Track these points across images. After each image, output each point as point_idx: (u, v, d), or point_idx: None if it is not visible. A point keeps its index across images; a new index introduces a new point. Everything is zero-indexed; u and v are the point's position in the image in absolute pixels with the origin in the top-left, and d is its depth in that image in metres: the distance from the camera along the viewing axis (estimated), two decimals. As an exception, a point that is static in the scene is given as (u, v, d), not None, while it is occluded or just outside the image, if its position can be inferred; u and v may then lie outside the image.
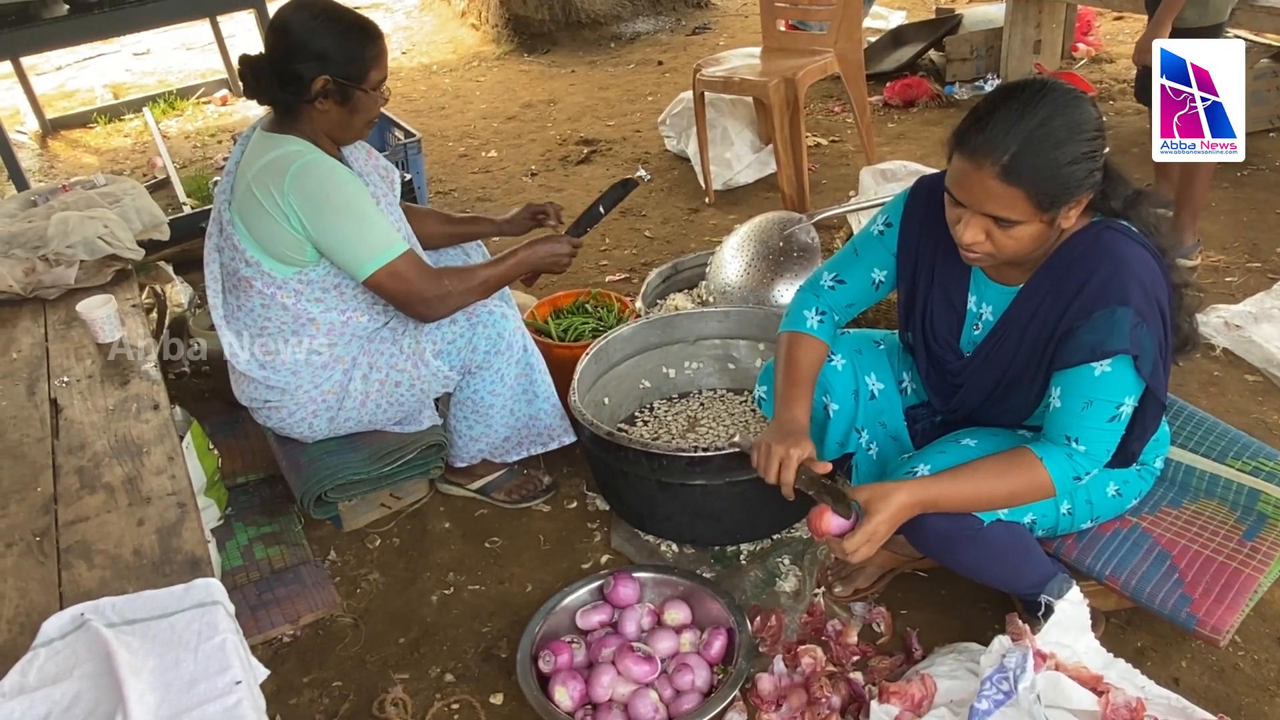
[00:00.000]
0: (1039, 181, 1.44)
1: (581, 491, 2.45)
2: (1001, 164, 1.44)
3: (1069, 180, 1.46)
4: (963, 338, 1.76)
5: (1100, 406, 1.54)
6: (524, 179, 4.51)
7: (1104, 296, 1.51)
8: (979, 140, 1.46)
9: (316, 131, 2.03)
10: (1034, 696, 1.52)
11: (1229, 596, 1.70)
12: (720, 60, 3.89)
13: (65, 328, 2.29)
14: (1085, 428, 1.55)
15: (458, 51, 6.85)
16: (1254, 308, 2.78)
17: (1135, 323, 1.49)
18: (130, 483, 1.72)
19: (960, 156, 1.49)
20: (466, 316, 2.15)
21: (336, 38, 1.95)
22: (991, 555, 1.70)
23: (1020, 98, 1.46)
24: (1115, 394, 1.53)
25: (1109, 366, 1.51)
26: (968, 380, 1.76)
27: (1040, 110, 1.44)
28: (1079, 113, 1.46)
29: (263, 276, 2.05)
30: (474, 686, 1.94)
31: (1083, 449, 1.56)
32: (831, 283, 1.86)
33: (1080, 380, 1.55)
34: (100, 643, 1.29)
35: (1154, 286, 1.53)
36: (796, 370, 1.81)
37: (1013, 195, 1.45)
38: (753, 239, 2.92)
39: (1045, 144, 1.43)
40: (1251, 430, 2.14)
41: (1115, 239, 1.55)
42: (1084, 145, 1.46)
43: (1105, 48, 5.26)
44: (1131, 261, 1.52)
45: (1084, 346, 1.53)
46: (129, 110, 5.80)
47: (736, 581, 2.10)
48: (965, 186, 1.50)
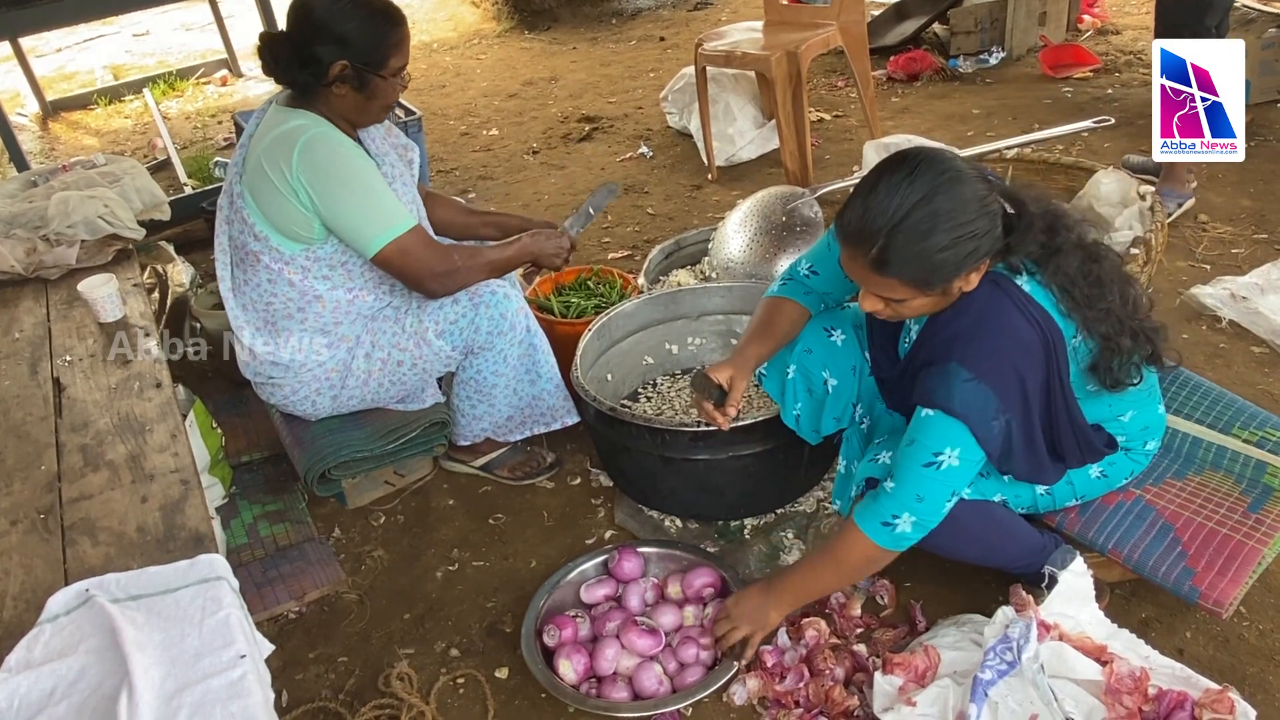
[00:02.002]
0: (911, 271, 1.45)
1: (585, 468, 2.45)
2: (870, 256, 1.45)
3: (943, 265, 1.44)
4: (900, 346, 1.78)
5: (918, 449, 1.53)
6: (526, 157, 4.49)
7: (945, 352, 1.52)
8: (850, 230, 1.47)
9: (333, 112, 2.02)
10: (1038, 666, 1.53)
11: (1232, 569, 1.69)
12: (722, 35, 3.86)
13: (67, 307, 2.29)
14: (901, 467, 1.56)
15: (458, 29, 6.80)
16: (1260, 279, 2.76)
17: (965, 379, 1.48)
18: (133, 460, 1.72)
19: (839, 240, 1.51)
20: (469, 297, 2.14)
21: (359, 22, 1.92)
22: (965, 536, 1.69)
23: (891, 182, 1.43)
24: (933, 441, 1.52)
25: (932, 413, 1.52)
26: (898, 392, 1.77)
27: (910, 196, 1.41)
28: (951, 197, 1.42)
29: (270, 252, 2.04)
30: (479, 661, 1.95)
31: (891, 485, 1.56)
32: (808, 271, 1.88)
33: (914, 416, 1.56)
34: (105, 618, 1.29)
35: (1011, 350, 1.50)
36: (765, 323, 1.88)
37: (889, 283, 1.47)
38: (755, 214, 2.90)
39: (912, 235, 1.42)
40: (1257, 402, 2.13)
41: (990, 298, 1.52)
42: (955, 231, 1.42)
43: (1111, 19, 5.20)
44: (987, 324, 1.51)
45: (920, 388, 1.55)
46: (129, 91, 5.77)
47: (740, 556, 2.10)
48: (849, 269, 1.53)
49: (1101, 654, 1.63)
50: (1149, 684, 1.58)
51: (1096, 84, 4.46)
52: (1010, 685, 1.53)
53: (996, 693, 1.52)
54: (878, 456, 1.72)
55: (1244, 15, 3.98)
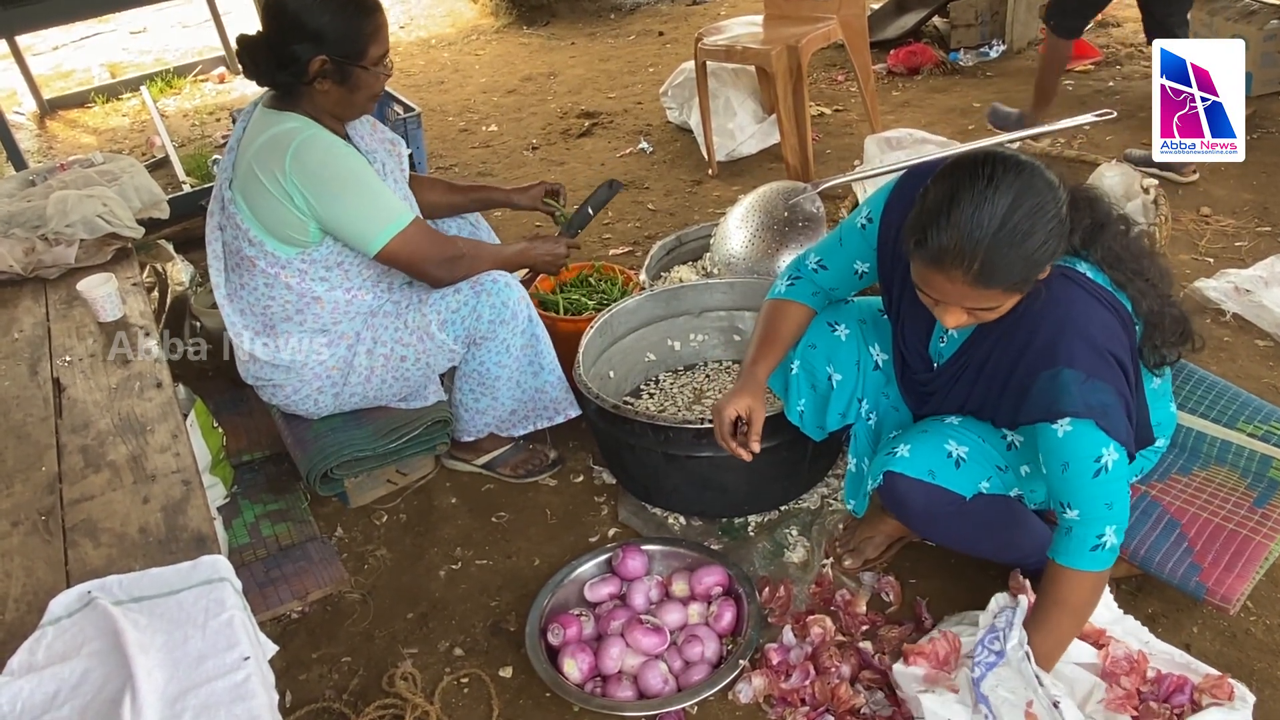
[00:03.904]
0: (1014, 276, 1.40)
1: (588, 465, 2.45)
2: (973, 272, 1.38)
3: (1042, 259, 1.41)
4: (931, 347, 1.74)
5: (1078, 466, 1.47)
6: (525, 153, 4.48)
7: (1048, 357, 1.48)
8: (941, 249, 1.38)
9: (319, 109, 2.00)
10: (1022, 654, 1.52)
11: (1239, 565, 1.69)
12: (722, 29, 3.84)
13: (66, 307, 2.27)
14: (1072, 489, 1.49)
15: (456, 25, 6.78)
16: (1264, 272, 2.75)
17: (1082, 380, 1.45)
18: (134, 461, 1.71)
19: (923, 263, 1.43)
20: (471, 285, 2.13)
21: (332, 15, 1.90)
22: (979, 528, 1.69)
23: (974, 192, 1.37)
24: (1088, 451, 1.46)
25: (1069, 426, 1.46)
26: (936, 394, 1.75)
27: (999, 203, 1.36)
28: (1038, 191, 1.38)
29: (266, 256, 2.03)
30: (483, 660, 1.94)
31: (1075, 514, 1.49)
32: (815, 266, 1.86)
33: (1048, 441, 1.49)
34: (108, 620, 1.29)
35: (1104, 339, 1.48)
36: (769, 332, 1.85)
37: (990, 294, 1.42)
38: (757, 210, 2.89)
39: (1014, 240, 1.37)
40: (1262, 395, 2.11)
41: (1066, 292, 1.50)
42: (1049, 224, 1.39)
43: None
44: (1079, 317, 1.48)
45: (1038, 407, 1.49)
46: (126, 89, 5.74)
47: (744, 553, 2.10)
48: (936, 289, 1.45)
49: (1099, 638, 1.64)
50: (1147, 666, 1.58)
51: (1098, 77, 4.44)
52: (999, 675, 1.52)
53: (987, 685, 1.52)
54: (895, 450, 1.69)
55: (1245, 7, 3.97)
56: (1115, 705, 1.53)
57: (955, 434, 1.69)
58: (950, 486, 1.66)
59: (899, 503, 1.70)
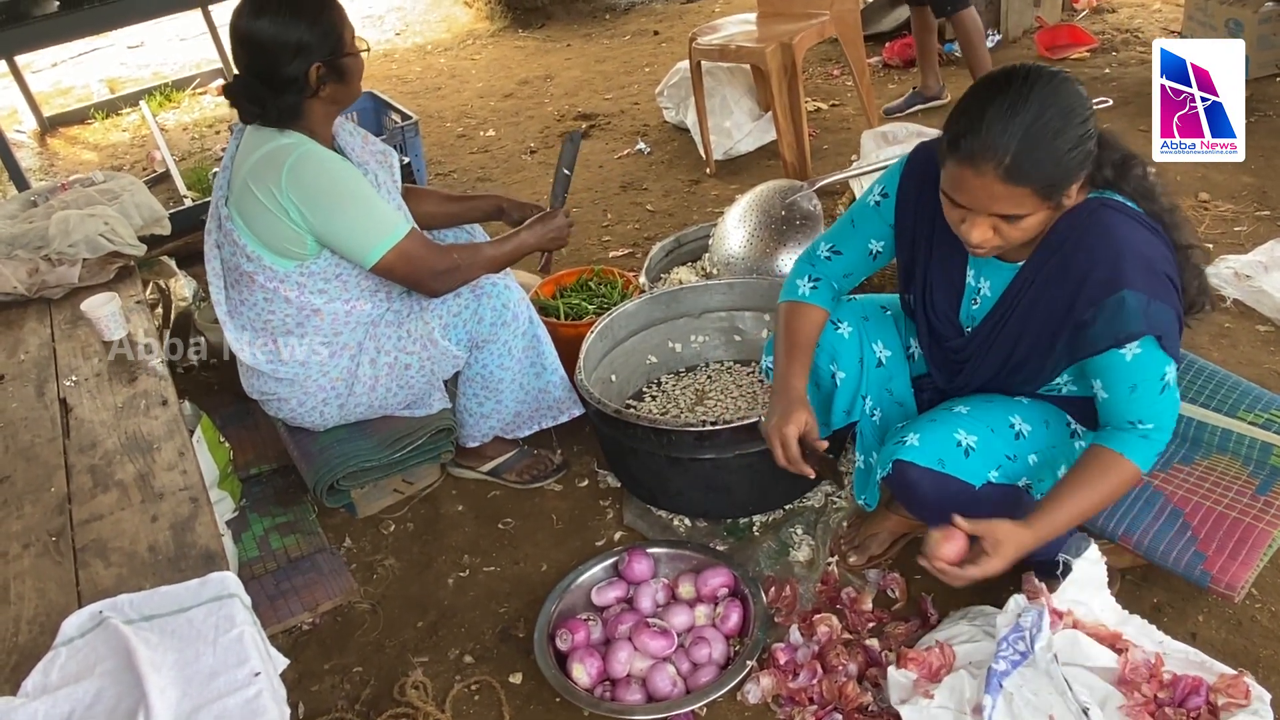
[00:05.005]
0: (1044, 175, 1.43)
1: (592, 469, 2.46)
2: (1004, 166, 1.41)
3: (1071, 166, 1.44)
4: (962, 312, 1.75)
5: (1146, 385, 1.52)
6: (523, 157, 4.49)
7: (1110, 284, 1.50)
8: (975, 144, 1.42)
9: (312, 121, 2.02)
10: (1051, 656, 1.52)
11: (1243, 553, 1.69)
12: (716, 28, 3.85)
13: (71, 327, 2.29)
14: (1142, 407, 1.54)
15: (451, 30, 6.79)
16: (1264, 257, 2.75)
17: (1146, 302, 1.48)
18: (142, 479, 1.73)
19: (956, 162, 1.46)
20: (471, 289, 2.15)
21: (307, 23, 1.93)
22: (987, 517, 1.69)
23: (1008, 93, 1.42)
24: (1155, 370, 1.51)
25: (1139, 348, 1.50)
26: (971, 359, 1.75)
27: (1032, 102, 1.41)
28: (1069, 96, 1.43)
29: (264, 271, 2.04)
30: (493, 667, 1.96)
31: (1150, 425, 1.55)
32: (828, 253, 1.86)
33: (1115, 367, 1.53)
34: (120, 639, 1.30)
35: (1158, 260, 1.51)
36: (794, 339, 1.82)
37: (1019, 194, 1.44)
38: (755, 209, 2.90)
39: (1044, 137, 1.41)
40: (1263, 381, 2.12)
41: (1112, 219, 1.53)
42: (1080, 128, 1.43)
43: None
44: (1132, 241, 1.51)
45: (1105, 335, 1.51)
46: (126, 104, 5.77)
47: (750, 553, 2.11)
48: (967, 191, 1.47)
49: (1116, 641, 1.63)
50: (1163, 669, 1.58)
51: (1094, 64, 4.43)
52: (1025, 676, 1.53)
53: (1011, 683, 1.52)
54: (904, 439, 1.69)
55: (1241, -10, 3.95)
56: (1134, 712, 1.52)
57: (964, 423, 1.69)
58: (959, 475, 1.66)
59: (908, 491, 1.70)
